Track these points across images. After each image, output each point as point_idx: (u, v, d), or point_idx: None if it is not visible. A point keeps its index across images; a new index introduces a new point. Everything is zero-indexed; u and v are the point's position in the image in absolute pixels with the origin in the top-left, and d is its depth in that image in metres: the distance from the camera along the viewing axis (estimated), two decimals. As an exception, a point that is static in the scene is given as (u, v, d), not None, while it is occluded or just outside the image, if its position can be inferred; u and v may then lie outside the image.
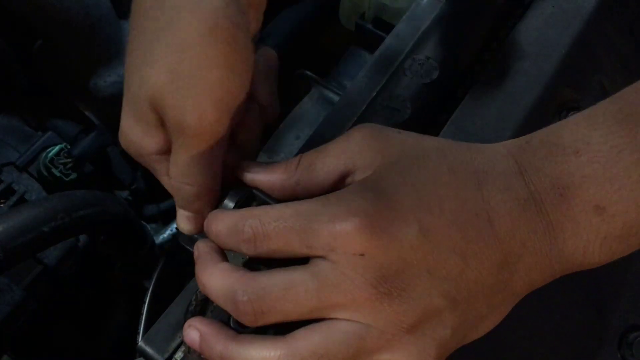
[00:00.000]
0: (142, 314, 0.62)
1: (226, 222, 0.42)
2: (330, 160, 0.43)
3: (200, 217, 0.47)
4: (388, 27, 0.64)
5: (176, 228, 0.70)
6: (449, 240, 0.38)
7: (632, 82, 0.42)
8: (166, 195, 0.51)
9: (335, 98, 0.65)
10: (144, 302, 0.63)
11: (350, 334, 0.38)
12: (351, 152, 0.42)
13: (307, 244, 0.39)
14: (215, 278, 0.41)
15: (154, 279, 0.67)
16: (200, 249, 0.43)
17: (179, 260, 0.69)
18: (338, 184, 0.43)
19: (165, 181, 0.48)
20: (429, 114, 0.53)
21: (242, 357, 0.39)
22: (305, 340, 0.38)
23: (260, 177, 0.45)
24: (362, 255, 0.38)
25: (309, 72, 0.70)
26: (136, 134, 0.46)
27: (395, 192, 0.39)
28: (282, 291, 0.38)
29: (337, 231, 0.38)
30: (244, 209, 0.43)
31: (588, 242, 0.40)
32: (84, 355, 0.74)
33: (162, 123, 0.44)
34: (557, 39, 0.58)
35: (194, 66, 0.41)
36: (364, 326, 0.38)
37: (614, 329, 0.52)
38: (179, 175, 0.45)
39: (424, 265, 0.38)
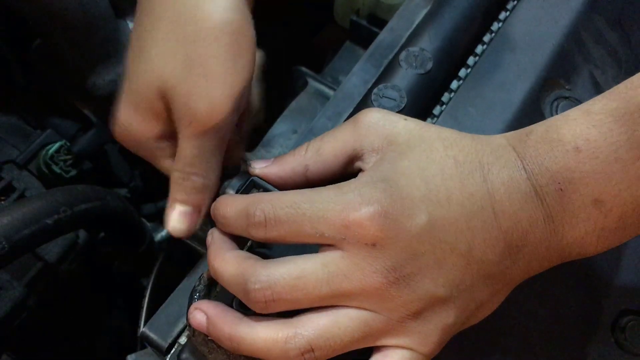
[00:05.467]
0: (142, 308, 0.62)
1: (236, 205, 0.42)
2: (337, 144, 0.44)
3: (196, 215, 0.48)
4: (383, 24, 0.64)
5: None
6: (456, 232, 0.39)
7: (621, 73, 0.43)
8: (163, 194, 0.52)
9: (331, 93, 0.66)
10: (144, 297, 0.63)
11: (357, 320, 0.39)
12: (358, 135, 0.43)
13: (319, 231, 0.39)
14: (227, 265, 0.41)
15: (152, 276, 0.67)
16: (215, 236, 0.44)
17: (176, 258, 0.70)
18: (347, 167, 0.44)
19: (166, 165, 0.48)
20: (424, 104, 0.54)
21: (250, 338, 0.40)
22: (312, 323, 0.39)
23: (270, 169, 0.46)
24: (373, 245, 0.38)
25: (304, 69, 0.70)
26: (137, 120, 0.47)
27: (406, 184, 0.40)
28: (293, 280, 0.39)
29: (351, 220, 0.38)
30: (255, 194, 0.43)
31: (586, 234, 0.41)
32: (82, 352, 0.74)
33: (167, 113, 0.46)
34: (548, 31, 0.59)
35: (207, 56, 0.43)
36: (370, 313, 0.39)
37: (607, 313, 0.53)
38: (186, 166, 0.46)
39: (432, 256, 0.39)
